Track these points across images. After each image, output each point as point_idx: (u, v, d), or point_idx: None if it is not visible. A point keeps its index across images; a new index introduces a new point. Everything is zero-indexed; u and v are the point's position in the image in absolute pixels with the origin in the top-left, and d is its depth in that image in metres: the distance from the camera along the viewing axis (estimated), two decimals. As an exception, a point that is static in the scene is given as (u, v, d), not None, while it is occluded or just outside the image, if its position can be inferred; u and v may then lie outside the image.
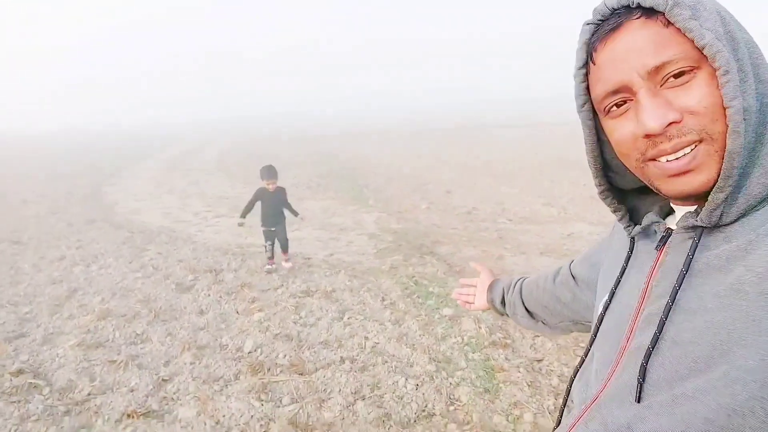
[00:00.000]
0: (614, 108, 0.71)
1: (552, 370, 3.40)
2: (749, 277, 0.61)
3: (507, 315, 1.44)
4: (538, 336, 3.88)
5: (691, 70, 0.65)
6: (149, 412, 3.15)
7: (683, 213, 0.73)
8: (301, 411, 3.07)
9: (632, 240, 0.83)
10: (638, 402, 0.67)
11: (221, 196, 11.14)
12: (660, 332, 0.68)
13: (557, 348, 3.69)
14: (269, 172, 5.75)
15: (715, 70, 0.63)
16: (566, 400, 0.93)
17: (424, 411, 3.03)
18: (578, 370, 0.90)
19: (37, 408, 3.19)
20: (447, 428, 2.86)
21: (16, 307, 4.94)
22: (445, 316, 4.29)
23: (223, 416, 3.07)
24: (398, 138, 25.55)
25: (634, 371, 0.69)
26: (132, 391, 3.37)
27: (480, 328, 4.02)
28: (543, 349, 3.70)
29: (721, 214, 0.66)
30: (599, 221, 7.76)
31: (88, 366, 3.70)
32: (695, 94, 0.64)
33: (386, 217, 8.50)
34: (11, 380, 3.54)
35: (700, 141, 0.65)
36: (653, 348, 0.68)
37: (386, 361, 3.60)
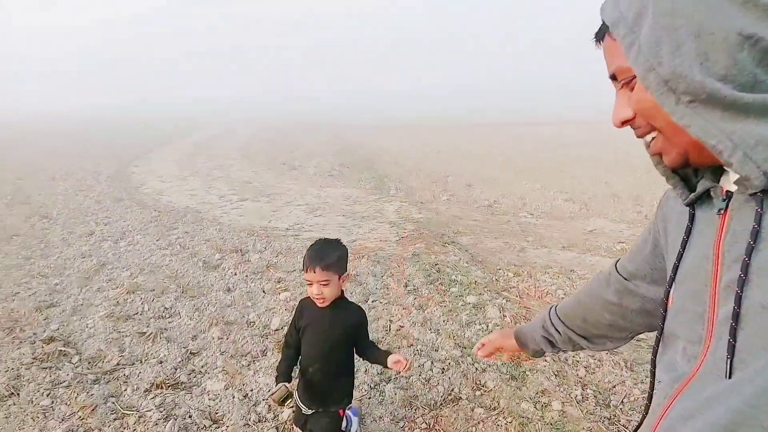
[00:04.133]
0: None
1: (578, 361, 3.39)
2: None
3: (550, 353, 1.40)
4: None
5: (634, 78, 0.74)
6: (177, 383, 3.21)
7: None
8: (327, 388, 3.10)
9: (691, 210, 0.83)
10: (729, 378, 0.68)
11: (245, 181, 11.22)
12: (739, 306, 0.67)
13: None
14: (322, 253, 1.99)
15: None
16: (653, 383, 0.92)
17: (450, 395, 3.05)
18: (656, 350, 0.91)
19: (68, 375, 3.27)
20: (474, 412, 2.87)
21: (46, 279, 5.06)
22: (469, 303, 4.29)
23: (251, 390, 3.12)
24: (417, 133, 25.46)
25: (725, 345, 0.69)
26: (161, 362, 3.44)
27: (504, 316, 4.02)
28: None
29: (764, 174, 0.65)
30: (621, 219, 7.68)
31: (118, 337, 3.78)
32: (636, 97, 0.74)
33: (407, 206, 8.50)
34: (43, 347, 3.63)
35: (656, 130, 0.74)
36: (736, 323, 0.67)
37: (411, 345, 3.62)
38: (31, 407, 2.94)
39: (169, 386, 3.16)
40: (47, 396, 3.04)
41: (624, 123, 0.78)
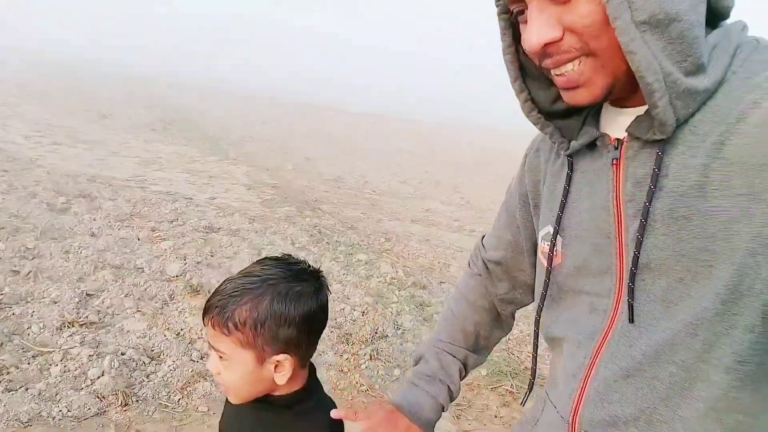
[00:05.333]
0: (520, 14, 0.69)
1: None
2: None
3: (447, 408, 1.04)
4: (449, 279, 4.46)
5: None
6: (89, 322, 2.87)
7: (634, 118, 0.68)
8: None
9: (569, 159, 0.78)
10: (632, 323, 0.69)
11: (48, 123, 9.60)
12: (639, 251, 0.67)
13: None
14: (234, 290, 0.91)
15: None
16: (536, 344, 0.89)
17: (377, 332, 3.34)
18: (540, 309, 0.85)
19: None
20: (405, 345, 3.22)
21: None
22: (361, 260, 4.61)
23: (181, 329, 2.97)
24: (236, 100, 24.47)
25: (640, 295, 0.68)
26: (55, 302, 3.01)
27: (398, 271, 4.44)
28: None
29: (676, 120, 0.63)
30: (448, 202, 8.78)
31: (-18, 275, 3.15)
32: (578, 11, 0.61)
33: (256, 171, 8.37)
34: None
35: (586, 55, 0.63)
36: (636, 269, 0.67)
37: (325, 292, 3.79)
38: None
39: (81, 325, 2.81)
40: None
41: (547, 45, 0.64)
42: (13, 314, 2.83)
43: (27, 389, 2.26)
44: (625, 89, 0.67)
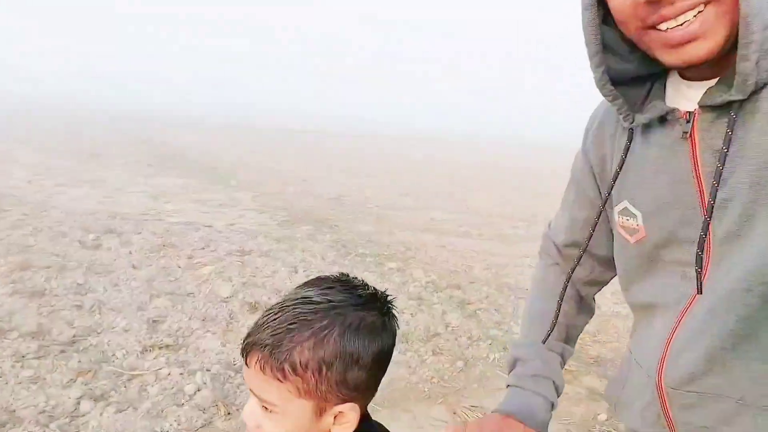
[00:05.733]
0: None
1: (501, 305, 4.20)
2: None
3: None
4: (477, 279, 4.68)
5: None
6: (166, 345, 3.01)
7: (704, 90, 0.69)
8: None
9: (630, 131, 0.79)
10: (700, 293, 0.73)
11: (45, 166, 9.63)
12: (721, 220, 0.69)
13: (498, 289, 4.52)
14: (284, 321, 0.71)
15: None
16: (557, 314, 0.95)
17: (429, 331, 3.52)
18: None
19: (25, 348, 2.80)
20: (459, 340, 3.42)
21: None
22: (393, 268, 4.80)
23: (253, 344, 3.11)
24: (216, 130, 24.54)
25: (726, 265, 0.70)
26: (126, 330, 3.14)
27: (430, 275, 4.64)
28: (486, 288, 4.49)
29: (756, 82, 0.62)
30: (450, 209, 9.02)
31: (51, 312, 3.26)
32: None
33: (261, 196, 8.51)
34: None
35: (707, 2, 0.60)
36: (719, 235, 0.70)
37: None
38: (15, 382, 2.48)
39: (160, 348, 2.95)
40: (29, 368, 2.58)
41: None
42: (92, 345, 2.94)
43: (135, 409, 2.40)
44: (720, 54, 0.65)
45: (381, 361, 0.73)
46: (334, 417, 0.72)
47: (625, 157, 0.79)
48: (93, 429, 2.26)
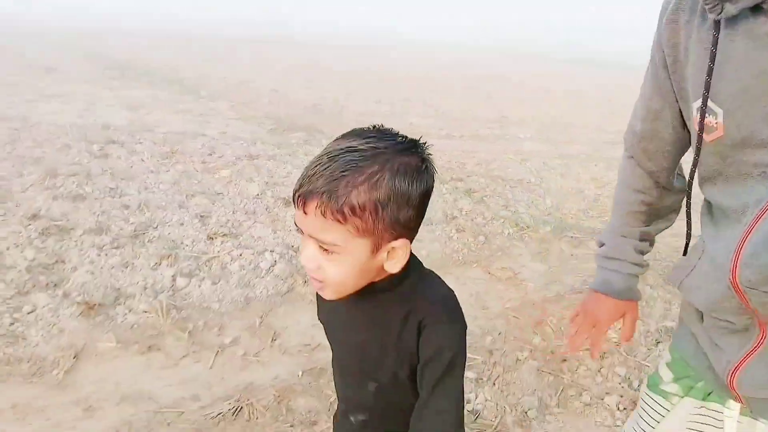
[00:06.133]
0: None
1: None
2: None
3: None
4: (472, 173, 5.12)
5: None
6: (225, 234, 3.32)
7: None
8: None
9: (717, 22, 0.74)
10: None
11: (4, 82, 9.12)
12: None
13: (493, 180, 4.98)
14: (337, 167, 0.75)
15: None
16: (689, 212, 0.94)
17: (447, 215, 3.97)
18: (692, 180, 0.88)
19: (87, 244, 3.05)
20: (475, 220, 3.89)
21: None
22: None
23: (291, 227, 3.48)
24: (179, 42, 23.06)
25: None
26: (181, 224, 3.41)
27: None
28: (483, 180, 4.94)
29: None
30: (431, 115, 9.31)
31: (102, 212, 3.47)
32: None
33: (238, 106, 8.50)
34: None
35: None
36: None
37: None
38: (108, 267, 2.77)
39: (222, 236, 3.26)
40: (113, 256, 2.87)
41: None
42: (155, 237, 3.22)
43: (227, 281, 2.76)
44: None
45: (426, 200, 0.79)
46: (387, 253, 0.79)
47: (715, 50, 0.75)
48: (197, 297, 2.62)
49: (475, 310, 2.74)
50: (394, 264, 0.80)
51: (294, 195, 0.75)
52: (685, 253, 0.97)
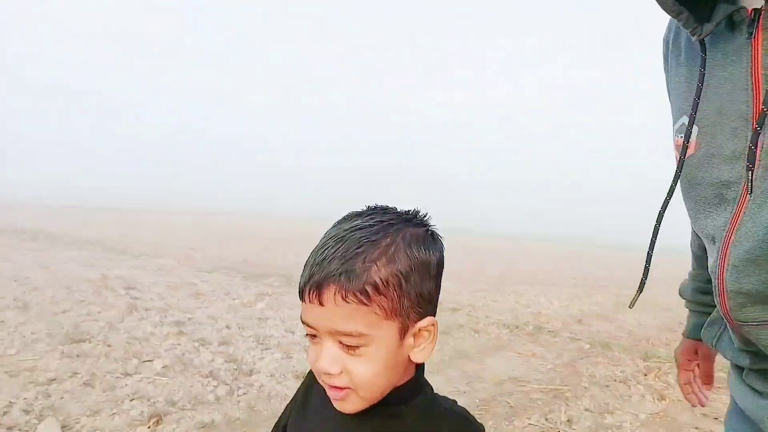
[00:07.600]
0: None
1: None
2: None
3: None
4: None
5: None
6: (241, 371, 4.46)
7: None
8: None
9: (702, 44, 0.75)
10: (750, 194, 0.68)
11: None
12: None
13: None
14: (346, 250, 0.67)
15: None
16: (653, 242, 0.89)
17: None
18: (667, 202, 0.84)
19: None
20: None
21: None
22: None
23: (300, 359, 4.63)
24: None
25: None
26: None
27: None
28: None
29: None
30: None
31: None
32: None
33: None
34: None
35: None
36: (754, 148, 0.65)
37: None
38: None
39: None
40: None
41: None
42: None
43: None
44: None
45: (441, 270, 0.73)
46: (413, 337, 0.69)
47: (704, 70, 0.75)
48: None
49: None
50: (423, 352, 0.70)
51: (303, 289, 0.66)
52: (640, 289, 0.90)
